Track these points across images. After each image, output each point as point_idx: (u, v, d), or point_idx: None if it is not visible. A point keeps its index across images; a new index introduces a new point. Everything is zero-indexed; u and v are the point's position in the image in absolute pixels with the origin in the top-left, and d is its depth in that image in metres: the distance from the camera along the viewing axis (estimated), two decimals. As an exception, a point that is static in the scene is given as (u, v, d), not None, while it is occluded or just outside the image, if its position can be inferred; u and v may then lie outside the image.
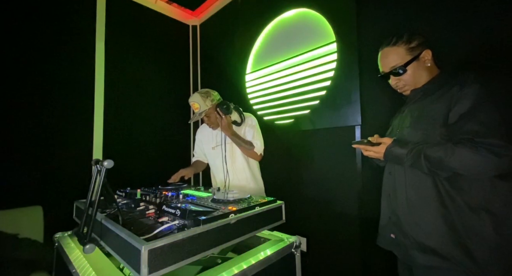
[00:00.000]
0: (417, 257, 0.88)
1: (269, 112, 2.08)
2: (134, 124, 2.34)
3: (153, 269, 0.58)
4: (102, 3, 2.17)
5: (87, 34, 2.08)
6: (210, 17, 2.74)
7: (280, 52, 2.02)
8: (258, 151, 1.56)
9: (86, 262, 0.82)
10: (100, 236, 0.80)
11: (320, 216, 1.73)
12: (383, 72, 1.03)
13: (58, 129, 1.88)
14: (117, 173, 1.06)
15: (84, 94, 2.04)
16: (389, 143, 0.92)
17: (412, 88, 0.99)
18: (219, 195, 1.02)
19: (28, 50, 1.78)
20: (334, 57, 1.67)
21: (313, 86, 1.79)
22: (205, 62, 2.84)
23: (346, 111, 1.59)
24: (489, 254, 0.77)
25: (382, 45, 1.03)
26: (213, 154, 1.67)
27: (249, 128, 1.60)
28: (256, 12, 2.21)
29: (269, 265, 0.85)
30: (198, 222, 0.71)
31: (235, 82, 2.36)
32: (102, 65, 2.13)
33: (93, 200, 0.75)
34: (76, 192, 1.29)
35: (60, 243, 1.02)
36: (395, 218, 0.98)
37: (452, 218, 0.82)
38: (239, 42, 2.35)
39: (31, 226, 1.65)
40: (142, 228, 0.71)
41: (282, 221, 1.01)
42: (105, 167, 0.72)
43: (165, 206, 0.83)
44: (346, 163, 1.60)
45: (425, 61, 0.96)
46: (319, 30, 1.78)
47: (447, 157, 0.77)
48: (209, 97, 1.51)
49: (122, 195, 1.18)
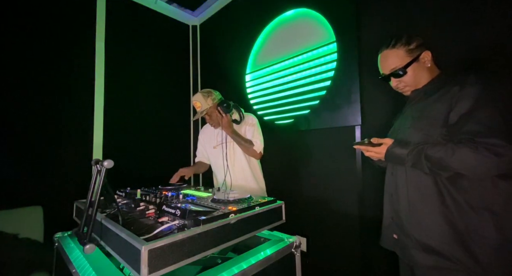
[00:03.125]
0: (419, 256, 0.88)
1: (269, 112, 2.08)
2: (134, 124, 2.34)
3: (153, 269, 0.58)
4: (102, 3, 2.17)
5: (87, 34, 2.08)
6: (210, 17, 2.74)
7: (280, 52, 2.02)
8: (258, 149, 1.57)
9: (86, 262, 0.82)
10: (100, 236, 0.80)
11: (320, 216, 1.73)
12: (383, 74, 1.03)
13: (58, 129, 1.88)
14: (117, 173, 1.06)
15: (84, 94, 2.04)
16: (390, 143, 0.92)
17: (413, 88, 1.00)
18: (219, 195, 1.02)
19: (28, 50, 1.78)
20: (334, 57, 1.67)
21: (313, 86, 1.79)
22: (205, 62, 2.84)
23: (346, 111, 1.59)
24: (491, 254, 0.77)
25: (381, 48, 1.03)
26: (215, 153, 1.68)
27: (249, 126, 1.61)
28: (256, 12, 2.22)
29: (269, 265, 0.85)
30: (198, 222, 0.70)
31: (235, 82, 2.36)
32: (102, 65, 2.13)
33: (93, 200, 0.75)
34: (76, 192, 1.29)
35: (60, 243, 1.02)
36: (397, 219, 0.98)
37: (454, 217, 0.82)
38: (239, 42, 2.35)
39: (31, 226, 1.65)
40: (142, 228, 0.71)
41: (282, 221, 1.01)
42: (105, 167, 0.72)
43: (165, 206, 0.83)
44: (346, 163, 1.60)
45: (425, 62, 0.96)
46: (319, 30, 1.78)
47: (447, 157, 0.77)
48: (211, 96, 1.54)
49: (122, 195, 1.18)
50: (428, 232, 0.87)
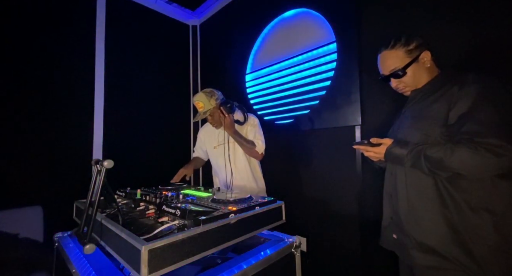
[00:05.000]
0: (418, 257, 0.88)
1: (269, 112, 2.08)
2: (134, 124, 2.34)
3: (153, 269, 0.58)
4: (102, 3, 2.17)
5: (87, 34, 2.08)
6: (210, 17, 2.74)
7: (280, 52, 2.02)
8: (260, 150, 1.56)
9: (86, 262, 0.82)
10: (100, 236, 0.80)
11: (320, 216, 1.73)
12: (383, 75, 1.04)
13: (58, 129, 1.88)
14: (117, 173, 1.06)
15: (84, 94, 2.04)
16: (389, 143, 0.92)
17: (413, 89, 1.00)
18: (219, 195, 1.02)
19: (28, 50, 1.78)
20: (334, 57, 1.67)
21: (313, 86, 1.79)
22: (205, 62, 2.84)
23: (346, 111, 1.59)
24: (490, 254, 0.77)
25: (380, 49, 1.03)
26: (215, 153, 1.68)
27: (250, 127, 1.61)
28: (256, 12, 2.21)
29: (269, 265, 0.85)
30: (198, 222, 0.71)
31: (235, 82, 2.36)
32: (102, 65, 2.13)
33: (93, 200, 0.75)
34: (76, 192, 1.29)
35: (60, 243, 1.02)
36: (396, 219, 0.98)
37: (453, 217, 0.82)
38: (239, 42, 2.35)
39: (31, 226, 1.65)
40: (142, 228, 0.71)
41: (282, 221, 1.01)
42: (105, 167, 0.72)
43: (165, 206, 0.84)
44: (346, 163, 1.60)
45: (424, 62, 0.96)
46: (319, 30, 1.78)
47: (447, 158, 0.77)
48: (214, 97, 1.53)
49: (122, 195, 1.18)
50: (427, 232, 0.87)
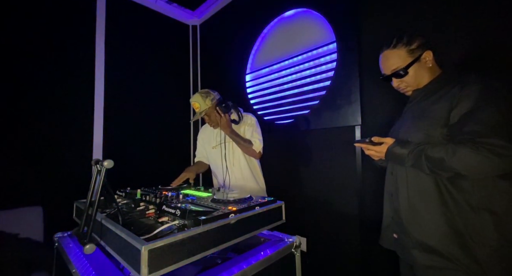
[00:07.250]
0: (418, 256, 0.88)
1: (269, 112, 2.08)
2: (134, 124, 2.34)
3: (153, 269, 0.58)
4: (102, 3, 2.17)
5: (87, 34, 2.08)
6: (210, 17, 2.74)
7: (280, 52, 2.02)
8: (257, 149, 1.56)
9: (86, 262, 0.82)
10: (100, 236, 0.80)
11: (320, 216, 1.72)
12: (384, 74, 1.03)
13: (58, 129, 1.88)
14: (117, 173, 1.06)
15: (84, 94, 2.04)
16: (391, 143, 0.92)
17: (414, 88, 1.00)
18: (219, 195, 1.02)
19: (28, 50, 1.78)
20: (334, 57, 1.67)
21: (313, 86, 1.79)
22: (205, 62, 2.83)
23: (346, 111, 1.59)
24: (490, 254, 0.77)
25: (382, 48, 1.02)
26: (214, 153, 1.68)
27: (248, 126, 1.61)
28: (256, 12, 2.21)
29: (269, 265, 0.85)
30: (198, 222, 0.70)
31: (235, 82, 2.36)
32: (102, 65, 2.13)
33: (93, 200, 0.75)
34: (76, 192, 1.29)
35: (60, 243, 1.02)
36: (397, 218, 0.98)
37: (454, 217, 0.82)
38: (239, 42, 2.35)
39: (31, 226, 1.65)
40: (142, 228, 0.71)
41: (282, 221, 1.01)
42: (105, 167, 0.72)
43: (165, 206, 0.83)
44: (346, 163, 1.60)
45: (426, 62, 0.96)
46: (319, 30, 1.78)
47: (448, 158, 0.77)
48: (209, 97, 1.53)
49: (122, 195, 1.18)
50: (428, 232, 0.87)
